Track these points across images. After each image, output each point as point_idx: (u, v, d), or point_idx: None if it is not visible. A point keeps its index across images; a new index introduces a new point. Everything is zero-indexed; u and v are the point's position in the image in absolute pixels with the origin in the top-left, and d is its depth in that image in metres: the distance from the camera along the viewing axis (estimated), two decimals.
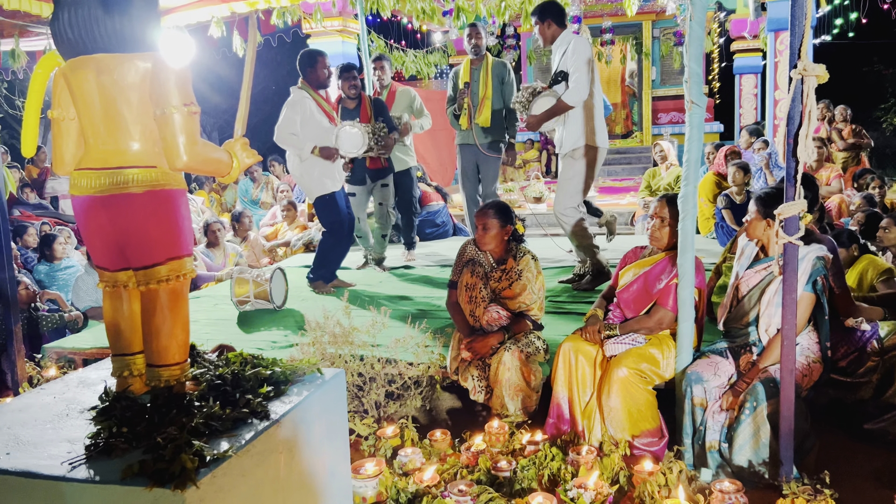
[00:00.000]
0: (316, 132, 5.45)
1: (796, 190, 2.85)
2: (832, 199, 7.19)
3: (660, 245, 3.59)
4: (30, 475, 1.83)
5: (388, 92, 6.76)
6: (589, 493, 2.87)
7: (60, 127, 2.20)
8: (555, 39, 5.11)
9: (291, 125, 5.40)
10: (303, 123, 5.41)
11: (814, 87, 2.78)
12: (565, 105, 4.95)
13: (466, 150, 6.24)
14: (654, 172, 8.46)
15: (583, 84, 4.89)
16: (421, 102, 6.82)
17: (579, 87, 4.88)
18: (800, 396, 3.12)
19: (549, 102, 5.03)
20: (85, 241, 2.26)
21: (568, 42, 5.00)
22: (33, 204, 9.40)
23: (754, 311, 3.37)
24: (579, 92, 4.89)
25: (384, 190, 6.45)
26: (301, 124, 5.41)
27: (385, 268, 6.61)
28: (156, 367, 2.18)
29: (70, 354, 4.63)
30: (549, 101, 5.03)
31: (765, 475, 3.07)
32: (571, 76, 4.91)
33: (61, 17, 2.08)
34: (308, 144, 5.41)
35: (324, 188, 5.53)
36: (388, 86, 6.81)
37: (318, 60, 5.52)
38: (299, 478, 2.25)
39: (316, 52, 5.62)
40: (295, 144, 5.43)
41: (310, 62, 5.51)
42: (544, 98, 5.05)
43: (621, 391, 3.34)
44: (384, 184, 6.43)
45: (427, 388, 3.95)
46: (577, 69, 4.89)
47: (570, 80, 4.93)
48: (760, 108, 12.20)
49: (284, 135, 5.43)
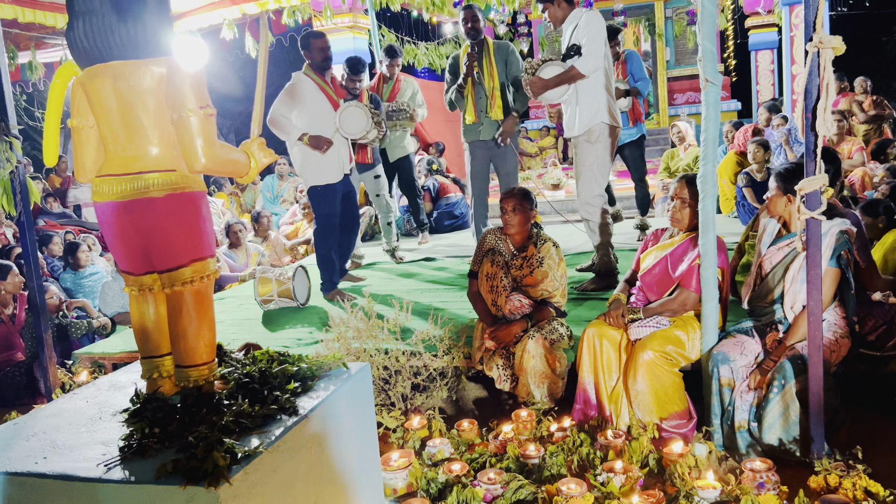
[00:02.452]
0: (314, 115, 5.25)
1: (816, 164, 2.81)
2: (855, 172, 7.09)
3: (681, 226, 3.56)
4: (67, 478, 1.87)
5: (394, 81, 6.96)
6: (619, 476, 2.87)
7: (80, 135, 2.24)
8: (565, 20, 4.94)
9: (283, 107, 5.22)
10: (301, 107, 5.23)
11: (830, 59, 2.75)
12: (577, 73, 4.73)
13: (477, 147, 5.79)
14: (672, 154, 8.38)
15: (596, 54, 4.70)
16: (421, 95, 7.00)
17: (593, 56, 4.69)
18: (828, 372, 3.10)
19: (559, 69, 4.83)
20: (109, 247, 2.30)
21: (579, 17, 4.81)
22: (57, 213, 9.53)
23: (779, 289, 3.34)
24: (593, 61, 4.70)
25: (377, 181, 6.49)
26: (299, 108, 5.23)
27: (401, 258, 6.63)
28: (184, 367, 2.21)
29: (100, 359, 4.70)
30: (559, 68, 4.83)
31: (796, 453, 3.06)
32: (585, 47, 4.71)
33: (76, 26, 2.11)
34: (296, 131, 5.20)
35: (320, 178, 5.32)
36: (395, 76, 7.01)
37: (311, 42, 5.34)
38: (330, 471, 2.27)
39: (311, 34, 5.45)
40: (284, 128, 5.22)
41: (304, 44, 5.37)
42: (555, 65, 4.85)
43: (647, 374, 3.33)
44: (376, 175, 6.47)
45: (452, 378, 3.97)
46: (590, 40, 4.69)
47: (583, 50, 4.72)
48: (778, 84, 12.05)
49: (276, 116, 5.22)
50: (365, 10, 9.98)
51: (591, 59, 4.71)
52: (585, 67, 4.72)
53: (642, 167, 6.60)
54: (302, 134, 5.19)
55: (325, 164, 5.30)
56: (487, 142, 5.73)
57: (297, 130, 5.21)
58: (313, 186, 5.36)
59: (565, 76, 4.80)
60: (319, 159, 5.27)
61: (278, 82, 5.42)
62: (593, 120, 4.82)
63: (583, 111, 4.86)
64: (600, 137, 4.85)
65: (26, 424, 2.29)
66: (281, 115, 5.21)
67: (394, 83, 6.93)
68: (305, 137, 5.18)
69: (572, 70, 4.76)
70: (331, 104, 5.33)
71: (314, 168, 5.31)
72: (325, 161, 5.29)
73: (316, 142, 5.17)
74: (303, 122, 5.25)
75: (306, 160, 5.31)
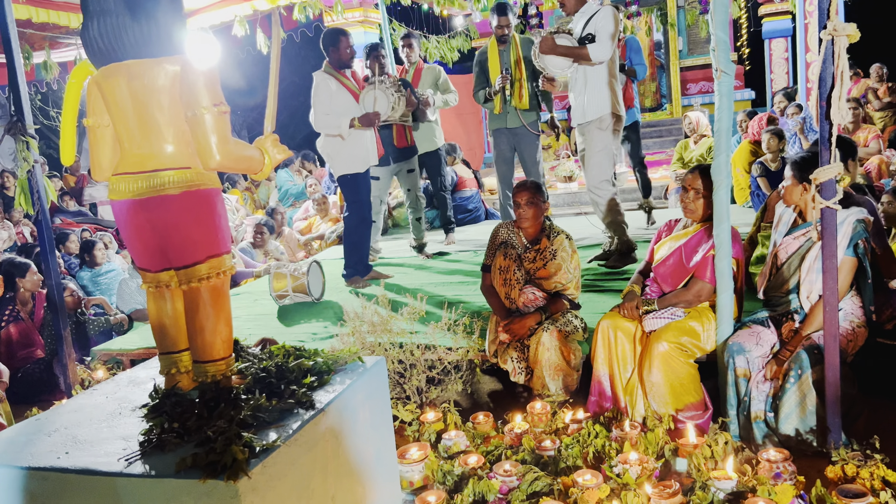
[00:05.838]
0: (340, 112, 5.42)
1: (832, 153, 2.79)
2: (871, 160, 7.01)
3: (695, 217, 3.55)
4: (89, 472, 1.90)
5: (414, 69, 6.82)
6: (634, 468, 2.87)
7: (96, 134, 2.26)
8: (578, 9, 5.06)
9: (323, 107, 5.41)
10: (332, 104, 5.41)
11: (845, 46, 2.72)
12: (586, 54, 4.88)
13: (501, 135, 6.09)
14: (686, 144, 8.34)
15: (609, 45, 4.85)
16: (447, 78, 6.82)
17: (605, 46, 4.84)
18: (845, 362, 3.08)
19: (571, 42, 4.98)
20: (126, 244, 2.32)
21: (593, 11, 4.94)
22: (73, 211, 9.63)
23: (795, 279, 3.32)
24: (605, 50, 4.85)
25: (410, 175, 6.49)
26: (331, 106, 5.41)
27: (428, 254, 6.63)
28: (202, 363, 2.23)
29: (118, 356, 4.74)
30: (571, 43, 4.98)
31: (813, 443, 3.04)
32: (599, 36, 4.85)
33: (91, 26, 2.13)
34: (344, 120, 5.38)
35: (349, 167, 5.52)
36: (416, 63, 6.86)
37: (341, 40, 5.50)
38: (347, 464, 2.29)
39: (338, 31, 5.59)
40: (332, 125, 5.40)
41: (332, 41, 5.50)
42: (568, 38, 5.00)
43: (662, 366, 3.33)
44: (410, 169, 6.46)
45: (467, 372, 3.98)
46: (605, 31, 4.84)
47: (597, 38, 4.86)
48: (792, 73, 11.93)
49: (320, 118, 5.43)
50: (375, 4, 9.98)
51: (603, 48, 4.85)
52: (596, 54, 4.86)
53: (639, 151, 6.71)
54: (350, 120, 5.39)
55: (352, 155, 5.51)
56: (512, 129, 6.02)
57: (345, 119, 5.38)
58: (343, 175, 5.57)
59: (574, 51, 4.96)
60: (347, 150, 5.46)
61: (290, 78, 5.51)
62: (605, 109, 4.99)
63: (593, 99, 5.02)
64: (609, 125, 5.03)
65: (47, 420, 2.32)
66: (324, 114, 5.41)
67: (413, 72, 6.79)
68: (355, 120, 5.40)
69: (583, 50, 4.90)
70: (353, 97, 5.52)
71: (343, 158, 5.52)
72: (352, 151, 5.48)
73: (366, 120, 5.41)
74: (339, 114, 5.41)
75: (335, 151, 5.52)
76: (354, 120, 5.39)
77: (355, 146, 5.48)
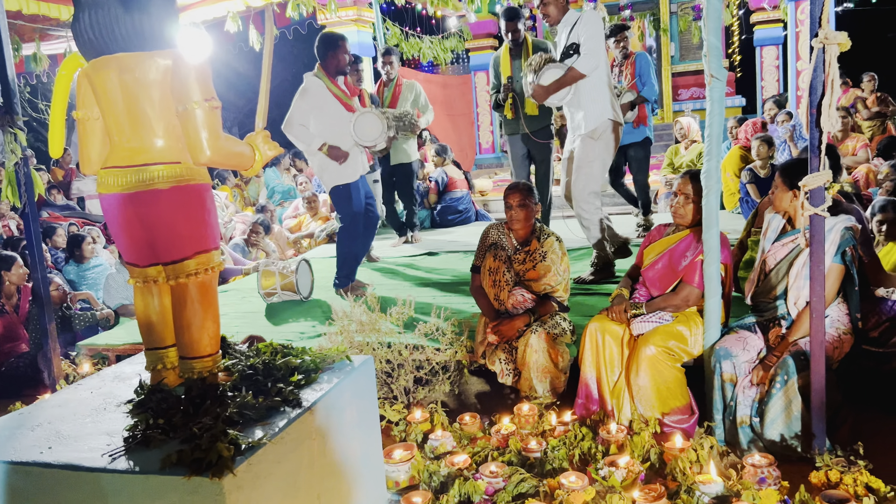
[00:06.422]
0: (330, 122, 5.17)
1: (821, 160, 2.81)
2: (859, 168, 7.07)
3: (684, 222, 3.56)
4: (72, 468, 1.89)
5: (394, 85, 6.75)
6: (620, 471, 2.88)
7: (86, 127, 2.24)
8: (560, 20, 4.91)
9: (302, 116, 5.13)
10: (317, 114, 5.16)
11: (836, 55, 2.74)
12: (577, 73, 4.73)
13: (515, 140, 6.01)
14: (676, 150, 8.38)
15: (596, 52, 4.70)
16: (425, 97, 6.79)
17: (592, 54, 4.68)
18: (831, 368, 3.10)
19: (558, 73, 4.81)
20: (114, 238, 2.31)
21: (576, 17, 4.81)
22: (60, 205, 9.56)
23: (782, 285, 3.34)
24: (592, 59, 4.69)
25: (375, 186, 6.52)
26: (314, 115, 5.16)
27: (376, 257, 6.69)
28: (188, 359, 2.22)
29: (103, 351, 4.71)
30: (558, 72, 4.81)
31: (797, 448, 3.06)
32: (583, 45, 4.71)
33: (82, 18, 2.12)
34: (317, 140, 5.14)
35: (339, 178, 5.27)
36: (395, 79, 6.79)
37: (340, 45, 5.19)
38: (333, 463, 2.28)
39: (337, 36, 5.29)
40: (303, 138, 5.15)
41: (331, 46, 5.18)
42: (553, 69, 4.83)
43: (650, 369, 3.33)
44: (375, 179, 6.50)
45: (455, 372, 3.98)
46: (589, 38, 4.69)
47: (581, 49, 4.72)
48: (783, 80, 12.02)
49: (294, 126, 5.15)
50: (369, 3, 9.98)
51: (590, 57, 4.71)
52: (585, 66, 4.73)
53: (645, 169, 6.61)
54: (322, 144, 5.15)
55: (346, 165, 5.26)
56: (523, 135, 5.94)
57: (317, 139, 5.16)
58: (335, 187, 5.32)
59: (565, 79, 4.81)
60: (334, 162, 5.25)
61: (282, 76, 5.44)
62: (600, 118, 4.84)
63: (588, 112, 4.87)
64: (604, 134, 4.86)
65: (31, 415, 2.30)
66: (299, 124, 5.15)
67: (394, 87, 6.73)
68: (325, 147, 5.15)
69: (572, 71, 4.77)
70: (343, 107, 5.26)
71: (333, 170, 5.27)
72: (346, 162, 5.25)
73: (335, 153, 5.16)
74: (318, 128, 5.18)
75: (325, 163, 5.26)
76: (325, 146, 5.14)
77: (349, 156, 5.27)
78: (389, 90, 6.73)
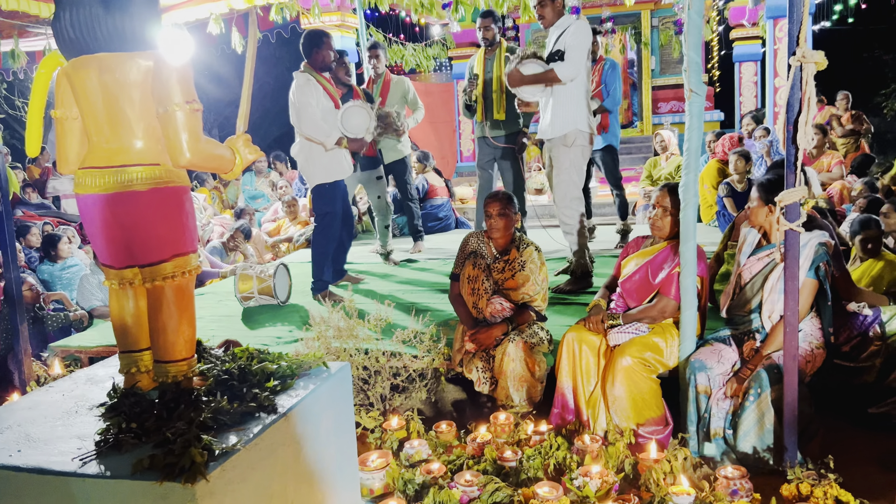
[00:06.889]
0: (321, 116, 5.18)
1: (797, 177, 2.85)
2: (833, 185, 7.19)
3: (661, 234, 3.60)
4: (42, 472, 1.86)
5: (382, 81, 6.67)
6: (594, 481, 2.89)
7: (64, 126, 2.22)
8: (554, 23, 4.95)
9: (311, 109, 5.13)
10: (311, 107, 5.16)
11: (813, 73, 2.79)
12: (555, 76, 4.79)
13: (483, 143, 6.07)
14: (655, 162, 8.45)
15: (578, 62, 4.76)
16: (415, 93, 6.73)
17: (574, 64, 4.75)
18: (803, 382, 3.14)
19: (538, 69, 4.90)
20: (90, 239, 2.28)
21: (568, 24, 4.86)
22: (35, 204, 9.44)
23: (757, 299, 3.38)
24: (573, 68, 4.76)
25: (379, 182, 6.46)
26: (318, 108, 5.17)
27: (394, 261, 6.58)
28: (163, 363, 2.20)
29: (76, 352, 4.65)
30: (539, 69, 4.90)
31: (769, 461, 3.09)
32: (568, 53, 4.77)
33: (63, 16, 2.10)
34: (334, 134, 5.17)
35: (326, 176, 5.26)
36: (383, 74, 6.71)
37: (325, 41, 5.27)
38: (307, 470, 2.27)
39: (322, 33, 5.37)
40: (322, 132, 5.14)
41: (316, 43, 5.24)
42: (536, 64, 4.92)
43: (625, 380, 3.35)
44: (378, 176, 6.43)
45: (432, 380, 3.97)
46: (574, 48, 4.75)
47: (565, 56, 4.78)
48: (761, 96, 12.18)
49: (312, 124, 5.13)
50: (353, 8, 9.97)
51: (571, 66, 4.77)
52: (564, 73, 4.78)
53: (616, 173, 6.68)
54: (340, 137, 5.19)
55: (331, 162, 5.27)
56: (489, 139, 5.98)
57: (335, 133, 5.17)
58: (320, 185, 5.29)
59: (543, 76, 4.89)
60: (325, 158, 5.24)
61: (264, 79, 5.43)
62: (570, 126, 4.88)
63: (558, 115, 4.92)
64: (576, 142, 4.92)
65: (0, 417, 2.26)
66: (315, 118, 5.14)
67: (382, 84, 6.66)
68: (344, 141, 5.22)
69: (550, 73, 4.83)
70: (332, 101, 5.31)
71: (320, 166, 5.25)
72: (331, 159, 5.26)
73: (357, 145, 5.28)
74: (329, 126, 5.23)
75: (311, 159, 5.25)
76: (343, 140, 5.20)
77: (333, 155, 5.27)
78: (378, 86, 6.65)
